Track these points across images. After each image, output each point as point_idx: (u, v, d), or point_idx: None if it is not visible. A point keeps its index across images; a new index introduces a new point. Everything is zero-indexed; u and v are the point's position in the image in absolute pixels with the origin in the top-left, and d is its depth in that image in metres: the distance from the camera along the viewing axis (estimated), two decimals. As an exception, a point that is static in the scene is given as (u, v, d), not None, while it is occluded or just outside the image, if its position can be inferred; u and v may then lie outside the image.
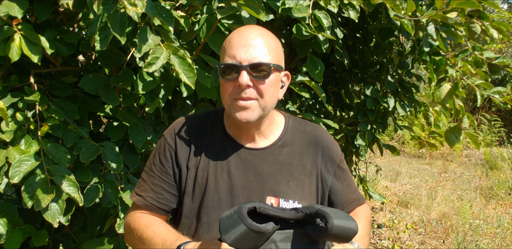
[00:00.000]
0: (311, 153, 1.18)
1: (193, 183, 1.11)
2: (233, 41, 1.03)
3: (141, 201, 1.14)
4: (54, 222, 1.37)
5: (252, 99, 1.02)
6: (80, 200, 1.42)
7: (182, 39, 1.68)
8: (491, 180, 6.39)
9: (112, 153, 1.57)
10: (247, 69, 1.00)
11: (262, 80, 1.02)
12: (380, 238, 4.12)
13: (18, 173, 1.33)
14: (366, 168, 4.43)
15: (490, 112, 11.00)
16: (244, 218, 0.82)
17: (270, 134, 1.16)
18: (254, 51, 1.01)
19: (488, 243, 3.87)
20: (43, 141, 1.46)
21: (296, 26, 1.67)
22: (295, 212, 0.91)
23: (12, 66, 1.67)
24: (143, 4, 1.12)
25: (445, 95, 2.16)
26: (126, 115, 1.68)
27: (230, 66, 1.01)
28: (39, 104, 1.51)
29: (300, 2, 1.71)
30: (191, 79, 1.32)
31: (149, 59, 1.26)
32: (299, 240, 0.91)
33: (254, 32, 1.04)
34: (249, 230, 0.81)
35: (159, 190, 1.14)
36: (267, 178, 1.11)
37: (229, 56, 1.02)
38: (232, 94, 1.03)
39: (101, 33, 1.25)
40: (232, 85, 1.02)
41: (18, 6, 1.32)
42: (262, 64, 1.01)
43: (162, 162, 1.14)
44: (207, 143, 1.14)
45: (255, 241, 0.84)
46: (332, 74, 2.88)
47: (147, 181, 1.16)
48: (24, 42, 1.32)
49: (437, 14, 1.72)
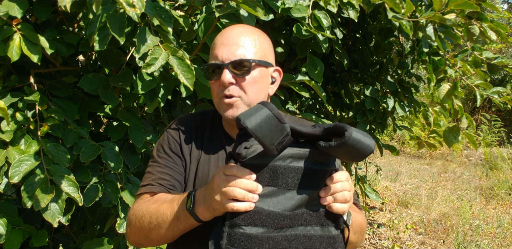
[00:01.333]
0: None
1: (193, 177, 1.11)
2: (216, 42, 1.05)
3: (149, 188, 1.09)
4: (54, 222, 1.38)
5: (235, 96, 1.03)
6: (80, 200, 1.42)
7: (182, 38, 1.68)
8: (491, 180, 6.39)
9: (112, 153, 1.57)
10: (229, 67, 1.01)
11: (243, 77, 1.03)
12: (380, 238, 4.12)
13: (18, 173, 1.33)
14: (366, 168, 4.43)
15: (490, 112, 11.00)
16: (266, 104, 0.78)
17: None
18: (235, 49, 1.02)
19: (488, 243, 3.87)
20: (43, 141, 1.47)
21: (296, 25, 1.67)
22: (312, 128, 0.85)
23: (12, 66, 1.67)
24: (143, 4, 1.12)
25: (444, 95, 2.18)
26: (126, 115, 1.69)
27: (213, 66, 1.03)
28: (39, 104, 1.51)
29: (300, 2, 1.71)
30: (189, 80, 1.33)
31: (148, 60, 1.26)
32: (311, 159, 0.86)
33: (236, 31, 1.05)
34: (272, 115, 0.76)
35: (166, 177, 1.11)
36: None
37: (212, 57, 1.05)
38: (218, 93, 1.05)
39: (100, 33, 1.25)
40: (218, 85, 1.04)
41: (18, 6, 1.32)
42: (242, 61, 1.01)
43: (168, 153, 1.13)
44: (207, 139, 1.15)
45: (274, 133, 0.77)
46: (332, 74, 2.88)
47: (152, 172, 1.13)
48: (24, 42, 1.33)
49: (435, 16, 1.72)
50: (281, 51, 2.24)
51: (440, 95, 2.19)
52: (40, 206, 1.32)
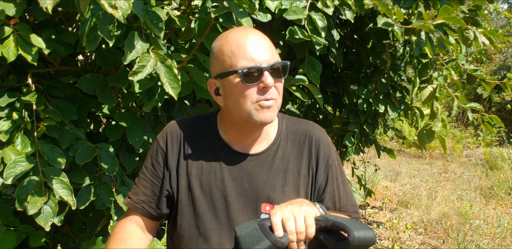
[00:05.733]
0: (305, 154, 1.15)
1: (186, 191, 1.10)
2: (241, 43, 1.00)
3: (131, 204, 1.15)
4: (46, 225, 1.37)
5: (274, 99, 1.02)
6: (73, 203, 1.41)
7: (180, 38, 1.68)
8: (491, 180, 6.38)
9: (108, 155, 1.56)
10: (269, 69, 0.99)
11: (281, 79, 1.03)
12: (380, 238, 4.12)
13: (12, 174, 1.33)
14: (365, 168, 4.43)
15: (490, 112, 10.99)
16: (269, 235, 0.84)
17: (266, 136, 1.14)
18: (268, 51, 1.01)
19: (488, 243, 3.86)
20: (39, 142, 1.45)
21: (289, 30, 1.66)
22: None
23: (11, 66, 1.66)
24: (129, 5, 1.09)
25: (426, 97, 2.30)
26: (123, 115, 1.67)
27: (253, 69, 0.98)
28: (35, 104, 1.50)
29: (297, 3, 1.70)
30: (175, 89, 1.30)
31: (135, 67, 1.23)
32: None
33: (255, 33, 1.03)
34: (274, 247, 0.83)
35: (149, 193, 1.13)
36: (261, 185, 1.09)
37: (246, 60, 0.98)
38: (255, 97, 1.00)
39: (91, 34, 1.23)
40: (255, 88, 1.00)
41: (16, 6, 1.31)
42: (280, 63, 1.01)
43: (154, 166, 1.14)
44: (199, 149, 1.13)
45: None
46: (332, 74, 2.88)
47: (138, 184, 1.16)
48: (20, 42, 1.32)
49: (425, 25, 1.74)
50: (279, 53, 2.24)
51: (422, 96, 2.31)
52: (33, 210, 1.31)
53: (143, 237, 1.13)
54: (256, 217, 1.08)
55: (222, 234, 1.07)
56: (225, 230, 1.07)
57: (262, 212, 1.09)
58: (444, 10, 1.67)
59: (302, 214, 0.88)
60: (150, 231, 1.17)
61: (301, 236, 0.87)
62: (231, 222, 1.07)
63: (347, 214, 1.18)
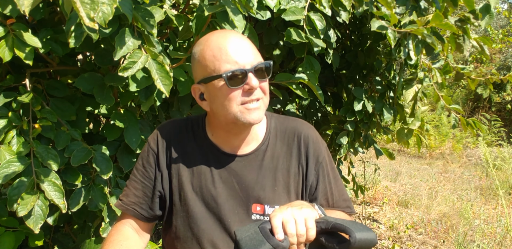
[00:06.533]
0: (295, 153, 1.15)
1: (178, 193, 1.11)
2: (222, 47, 0.99)
3: (122, 206, 1.15)
4: (36, 228, 1.36)
5: (260, 98, 1.03)
6: (63, 206, 1.40)
7: (179, 37, 1.67)
8: (491, 180, 6.37)
9: (103, 157, 1.55)
10: (253, 71, 0.99)
11: (265, 79, 1.03)
12: (380, 238, 4.11)
13: (4, 174, 1.32)
14: (364, 168, 4.42)
15: (490, 112, 10.99)
16: (270, 239, 0.83)
17: (255, 136, 1.14)
18: (250, 52, 1.01)
19: (488, 243, 3.86)
20: (34, 142, 1.45)
21: (287, 31, 1.65)
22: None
23: (10, 66, 1.66)
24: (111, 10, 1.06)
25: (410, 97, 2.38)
26: (121, 115, 1.67)
27: (237, 72, 0.98)
28: (32, 104, 1.50)
29: (296, 3, 1.69)
30: (166, 86, 1.29)
31: (125, 63, 1.22)
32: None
33: (235, 35, 1.03)
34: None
35: (140, 194, 1.13)
36: (251, 185, 1.09)
37: (229, 63, 0.98)
38: (240, 99, 1.00)
39: (77, 29, 1.21)
40: (240, 91, 1.00)
41: (13, 5, 1.31)
42: (263, 64, 1.01)
43: (145, 167, 1.14)
44: (190, 151, 1.13)
45: None
46: (332, 74, 2.87)
47: (129, 186, 1.16)
48: (16, 42, 1.31)
49: (418, 30, 1.75)
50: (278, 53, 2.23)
51: (407, 96, 2.38)
52: (23, 212, 1.31)
53: (138, 239, 1.14)
54: (247, 217, 1.08)
55: (215, 235, 1.08)
56: (218, 231, 1.08)
57: (253, 213, 1.09)
58: (436, 17, 1.69)
59: (302, 216, 0.88)
60: (145, 233, 1.18)
61: (302, 238, 0.86)
62: (223, 223, 1.08)
63: (340, 209, 1.18)
